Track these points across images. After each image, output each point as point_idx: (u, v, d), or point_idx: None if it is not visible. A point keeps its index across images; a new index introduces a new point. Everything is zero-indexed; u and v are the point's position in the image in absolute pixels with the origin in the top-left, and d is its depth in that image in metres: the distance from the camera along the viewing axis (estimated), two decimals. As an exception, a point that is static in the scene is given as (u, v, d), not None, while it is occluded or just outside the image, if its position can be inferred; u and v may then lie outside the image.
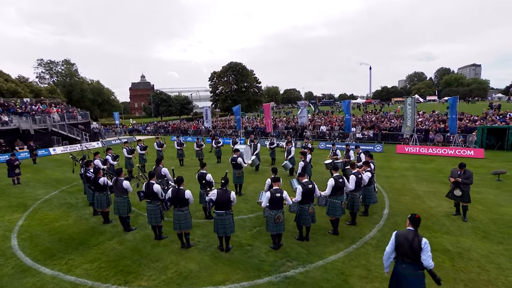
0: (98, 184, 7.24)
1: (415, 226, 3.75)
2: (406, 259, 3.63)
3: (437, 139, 19.96)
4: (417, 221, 3.76)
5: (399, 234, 3.76)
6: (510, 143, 16.23)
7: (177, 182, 5.91)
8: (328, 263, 5.42)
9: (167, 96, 58.82)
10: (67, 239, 6.71)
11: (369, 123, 27.36)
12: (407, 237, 3.65)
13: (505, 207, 7.95)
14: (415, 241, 3.58)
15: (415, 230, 3.72)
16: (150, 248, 6.13)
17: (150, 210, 6.32)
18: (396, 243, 3.71)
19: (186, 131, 35.91)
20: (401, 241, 3.67)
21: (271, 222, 5.81)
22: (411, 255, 3.59)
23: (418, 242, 3.57)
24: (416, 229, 3.74)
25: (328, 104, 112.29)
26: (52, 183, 12.43)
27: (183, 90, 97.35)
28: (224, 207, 5.65)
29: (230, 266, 5.37)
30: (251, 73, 66.06)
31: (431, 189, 9.76)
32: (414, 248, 3.56)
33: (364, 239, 6.38)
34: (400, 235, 3.74)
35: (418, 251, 3.55)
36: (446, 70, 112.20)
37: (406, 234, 3.70)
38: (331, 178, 6.40)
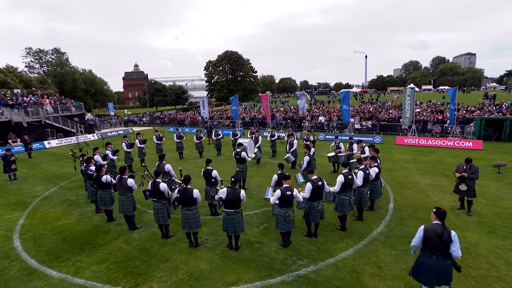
0: (101, 182, 7.07)
1: (441, 220, 3.91)
2: (435, 251, 3.80)
3: (435, 130, 20.07)
4: (443, 214, 3.93)
5: (427, 229, 3.88)
6: (507, 134, 16.39)
7: (184, 181, 5.78)
8: (339, 261, 5.43)
9: (162, 86, 57.75)
10: (72, 238, 6.59)
11: (367, 113, 27.35)
12: (437, 231, 3.80)
13: (508, 200, 8.04)
14: (445, 234, 3.77)
15: (443, 224, 3.88)
16: (158, 248, 6.06)
17: (157, 209, 6.20)
18: (424, 237, 3.85)
19: (183, 122, 35.50)
20: (431, 235, 3.82)
21: (281, 220, 5.76)
22: (441, 247, 3.76)
23: (448, 235, 3.76)
24: (443, 222, 3.90)
25: (324, 93, 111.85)
26: (50, 178, 12.18)
27: (178, 80, 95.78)
28: (233, 206, 5.58)
29: (241, 266, 5.34)
30: (247, 62, 65.09)
31: (434, 182, 9.82)
32: (444, 240, 3.74)
33: (372, 235, 6.40)
34: (428, 229, 3.86)
35: (448, 243, 3.74)
36: (442, 59, 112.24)
37: (435, 228, 3.84)
38: (340, 175, 6.35)
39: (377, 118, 24.60)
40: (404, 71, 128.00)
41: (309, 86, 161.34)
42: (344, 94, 22.44)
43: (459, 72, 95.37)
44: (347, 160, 10.69)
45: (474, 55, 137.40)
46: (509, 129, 16.34)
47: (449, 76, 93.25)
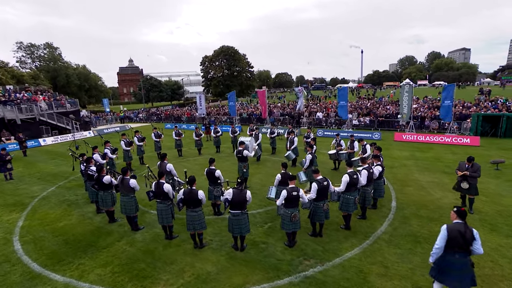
0: (102, 183, 6.96)
1: (463, 219, 3.98)
2: (458, 250, 3.89)
3: (433, 126, 20.22)
4: (464, 213, 4.00)
5: (450, 228, 3.93)
6: (504, 130, 16.57)
7: (189, 182, 5.70)
8: (345, 261, 5.44)
9: (157, 81, 57.04)
10: (74, 241, 6.49)
11: (365, 109, 27.41)
12: (460, 230, 3.87)
13: (507, 197, 8.13)
14: (468, 232, 3.85)
15: (465, 222, 3.95)
16: (162, 249, 6.00)
17: (161, 210, 6.13)
18: (448, 237, 3.89)
19: (180, 118, 35.19)
20: (454, 234, 3.87)
21: (287, 220, 5.74)
22: (463, 245, 3.85)
23: (470, 233, 3.84)
24: (465, 221, 3.97)
25: (320, 88, 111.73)
26: (48, 177, 11.98)
27: (173, 75, 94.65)
28: (239, 207, 5.53)
29: (248, 267, 5.32)
30: (244, 58, 64.51)
31: (434, 180, 9.89)
32: (467, 239, 3.83)
33: (376, 234, 6.43)
34: (451, 229, 3.91)
35: (471, 241, 3.83)
36: (437, 54, 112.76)
37: (457, 227, 3.90)
38: (345, 174, 6.33)
39: (374, 114, 24.68)
40: (399, 66, 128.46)
41: (305, 81, 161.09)
42: (341, 90, 22.42)
43: (454, 68, 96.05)
44: (349, 158, 10.74)
45: (468, 50, 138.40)
46: (506, 125, 16.52)
47: (444, 71, 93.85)
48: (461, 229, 3.88)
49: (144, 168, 12.73)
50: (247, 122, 30.72)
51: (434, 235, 6.17)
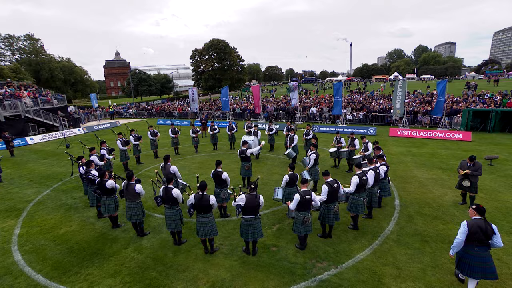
0: (106, 188, 6.72)
1: (482, 215, 4.33)
2: (478, 244, 4.25)
3: (425, 121, 20.64)
4: (484, 210, 4.36)
5: (471, 224, 4.26)
6: (493, 125, 17.09)
7: (200, 188, 5.57)
8: (358, 262, 5.50)
9: (146, 75, 55.55)
10: (78, 249, 6.27)
11: (358, 104, 27.67)
12: (480, 226, 4.22)
13: (504, 194, 8.40)
14: (488, 228, 4.21)
15: (484, 219, 4.31)
16: (173, 256, 5.89)
17: (170, 216, 5.98)
18: (469, 232, 4.24)
19: (171, 113, 34.54)
20: (475, 230, 4.23)
21: (299, 223, 5.72)
22: (484, 239, 4.21)
23: (490, 228, 4.22)
24: (484, 217, 4.34)
25: (310, 81, 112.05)
26: (40, 179, 11.51)
27: (162, 68, 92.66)
28: (252, 212, 5.46)
29: (262, 272, 5.29)
30: (234, 51, 63.57)
31: (432, 176, 10.11)
32: (488, 234, 4.20)
33: (384, 233, 6.52)
34: (472, 225, 4.25)
35: (491, 235, 4.20)
36: (424, 48, 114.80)
37: (478, 223, 4.24)
38: (355, 176, 6.35)
39: (368, 108, 24.96)
40: (388, 59, 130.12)
41: (294, 74, 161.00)
42: (336, 85, 22.47)
43: (440, 61, 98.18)
44: (349, 156, 10.83)
45: (454, 44, 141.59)
46: (494, 120, 17.04)
47: (431, 65, 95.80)
48: (481, 224, 4.23)
49: (141, 168, 12.48)
50: (241, 117, 30.52)
51: (440, 234, 6.36)
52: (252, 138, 12.08)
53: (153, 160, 13.92)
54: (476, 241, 4.24)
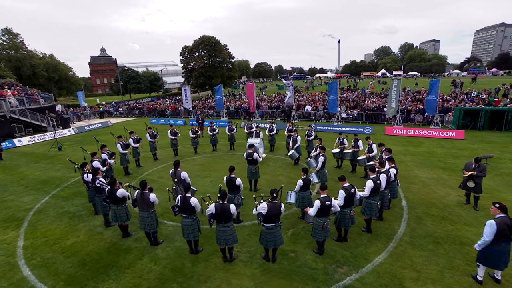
0: (116, 197, 6.52)
1: (505, 212, 4.73)
2: (504, 239, 4.65)
3: (417, 119, 21.18)
4: (506, 208, 4.77)
5: (498, 222, 4.63)
6: (482, 123, 17.74)
7: (221, 197, 5.49)
8: (377, 266, 5.60)
9: (135, 72, 54.16)
10: (90, 261, 6.06)
11: (352, 102, 28.04)
12: (506, 223, 4.62)
13: (503, 192, 8.75)
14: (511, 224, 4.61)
15: (507, 216, 4.69)
16: (191, 266, 5.80)
17: (187, 225, 5.87)
18: (498, 230, 4.58)
19: (163, 112, 33.91)
20: (503, 227, 4.61)
21: (319, 229, 5.76)
22: (509, 235, 4.63)
23: None
24: (507, 214, 4.72)
25: (299, 78, 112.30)
26: (36, 185, 11.05)
27: (149, 65, 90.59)
28: (274, 220, 5.44)
29: (285, 279, 5.30)
30: (224, 48, 62.92)
31: (433, 176, 10.39)
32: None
33: (397, 236, 6.66)
34: (499, 223, 4.62)
35: None
36: (410, 46, 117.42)
37: (504, 221, 4.63)
38: (369, 180, 6.43)
39: (362, 107, 25.33)
40: (375, 56, 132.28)
41: (283, 71, 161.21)
42: (331, 84, 22.67)
43: (425, 59, 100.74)
44: (353, 157, 10.97)
45: (438, 41, 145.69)
46: (484, 119, 17.69)
47: (417, 62, 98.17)
48: (506, 221, 4.62)
49: (141, 172, 12.18)
50: (235, 115, 30.34)
51: (450, 235, 6.55)
52: (258, 140, 12.01)
53: (153, 162, 13.64)
54: (503, 237, 4.61)
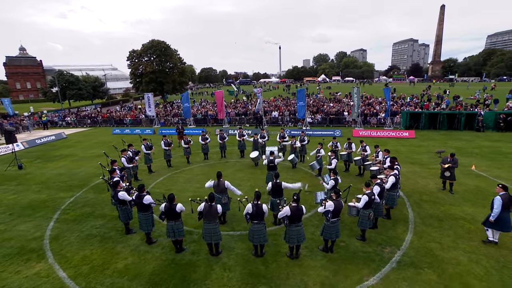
0: (143, 204, 7.00)
1: (506, 190, 6.66)
2: (506, 210, 6.54)
3: (373, 122, 24.68)
4: (507, 187, 6.74)
5: (503, 198, 6.53)
6: (423, 124, 21.84)
7: (257, 198, 6.34)
8: (411, 243, 7.06)
9: (74, 77, 48.39)
10: (161, 280, 5.98)
11: (313, 107, 30.74)
12: (507, 197, 6.53)
13: (462, 178, 11.31)
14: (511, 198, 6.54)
15: (508, 193, 6.61)
16: (265, 268, 6.28)
17: (210, 229, 6.49)
18: (503, 203, 6.47)
19: (122, 121, 31.48)
20: (506, 201, 6.50)
21: (365, 219, 6.96)
22: (510, 206, 6.53)
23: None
24: (507, 191, 6.61)
25: (246, 83, 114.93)
26: (23, 211, 9.62)
27: (84, 68, 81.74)
28: (297, 220, 6.26)
29: (351, 264, 6.31)
30: (175, 53, 61.07)
31: (409, 170, 12.70)
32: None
33: (410, 218, 8.30)
34: (503, 198, 6.53)
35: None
36: (344, 54, 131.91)
37: (506, 196, 6.56)
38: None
39: (323, 111, 28.07)
40: (315, 62, 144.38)
41: (228, 75, 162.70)
42: (300, 92, 24.69)
43: (357, 66, 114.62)
44: (348, 158, 12.61)
45: (365, 50, 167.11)
46: (424, 120, 21.80)
47: (351, 68, 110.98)
48: (508, 197, 6.55)
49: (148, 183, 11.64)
50: (202, 123, 30.13)
51: (447, 214, 8.49)
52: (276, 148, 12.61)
53: (147, 175, 13.12)
54: (507, 208, 6.50)
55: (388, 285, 5.67)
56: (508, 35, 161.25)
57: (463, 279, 5.77)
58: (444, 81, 78.67)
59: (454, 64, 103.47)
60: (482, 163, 13.08)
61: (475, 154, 14.81)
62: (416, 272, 6.01)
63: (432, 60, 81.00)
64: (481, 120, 20.99)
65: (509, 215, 6.66)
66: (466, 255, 6.54)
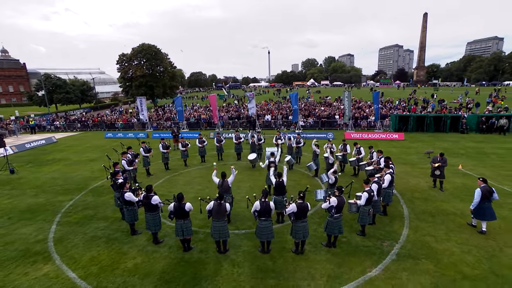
0: (151, 205, 7.17)
1: (486, 183, 7.40)
2: (486, 200, 7.28)
3: (363, 125, 25.46)
4: (486, 180, 7.49)
5: (483, 190, 7.27)
6: (411, 126, 22.74)
7: (264, 195, 6.66)
8: (408, 237, 7.49)
9: (62, 81, 47.37)
10: (172, 278, 6.13)
11: (304, 111, 31.37)
12: (487, 189, 7.30)
13: (451, 177, 11.96)
14: (490, 190, 7.30)
15: (487, 185, 7.39)
16: (272, 263, 6.54)
17: (219, 226, 6.74)
18: (482, 194, 7.22)
19: (113, 125, 31.07)
20: (485, 192, 7.25)
21: (365, 215, 7.34)
22: (489, 197, 7.27)
23: (491, 190, 7.33)
24: (487, 183, 7.42)
25: (235, 87, 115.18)
26: (23, 215, 9.51)
27: (70, 72, 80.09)
28: (302, 217, 6.59)
29: (354, 257, 6.66)
30: (166, 57, 60.85)
31: (401, 170, 13.27)
32: (491, 193, 7.29)
33: (406, 215, 8.76)
34: (483, 189, 7.28)
35: (492, 194, 7.31)
36: (332, 58, 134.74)
37: (486, 188, 7.32)
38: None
39: (315, 115, 28.71)
40: (303, 67, 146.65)
41: (217, 80, 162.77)
42: (293, 95, 25.21)
43: (345, 70, 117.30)
44: (343, 159, 13.08)
45: (352, 55, 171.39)
46: (412, 123, 22.71)
47: (339, 73, 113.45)
48: (488, 189, 7.30)
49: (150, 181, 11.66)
50: (195, 127, 30.17)
51: (438, 209, 9.01)
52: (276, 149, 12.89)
53: (145, 177, 13.16)
54: (486, 199, 7.24)
55: (390, 275, 6.04)
56: (486, 42, 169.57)
57: (457, 267, 6.23)
58: (428, 85, 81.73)
59: (437, 69, 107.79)
60: (468, 163, 13.84)
61: (461, 154, 15.62)
62: (415, 263, 6.42)
63: (417, 66, 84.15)
64: (465, 122, 22.08)
65: (491, 205, 7.36)
66: (458, 246, 7.02)
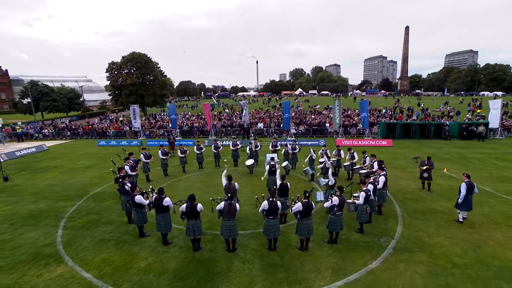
0: (163, 206, 7.45)
1: (469, 178, 8.40)
2: (469, 192, 8.27)
3: (353, 132, 26.48)
4: (469, 176, 8.51)
5: (467, 184, 8.28)
6: (398, 134, 23.92)
7: (272, 195, 7.15)
8: (402, 234, 8.10)
9: (49, 88, 46.50)
10: (187, 275, 6.41)
11: (296, 119, 32.25)
12: (471, 183, 8.33)
13: (438, 180, 12.79)
14: (473, 184, 8.33)
15: (470, 180, 8.35)
16: (280, 259, 6.96)
17: (229, 225, 7.14)
18: (467, 188, 8.21)
19: (105, 133, 30.79)
20: (469, 186, 8.25)
21: (363, 213, 7.91)
22: (471, 190, 8.28)
23: (473, 184, 8.38)
24: (470, 179, 8.35)
25: (224, 96, 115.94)
26: (26, 220, 9.50)
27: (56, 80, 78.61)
28: (307, 215, 7.10)
29: (355, 252, 7.18)
30: (156, 66, 61.04)
31: (392, 174, 13.92)
32: (473, 187, 8.34)
33: (398, 213, 9.42)
34: (467, 184, 8.28)
35: (474, 188, 8.34)
36: (320, 68, 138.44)
37: (470, 183, 8.34)
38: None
39: (306, 123, 29.59)
40: (291, 76, 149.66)
41: (206, 89, 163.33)
42: (285, 104, 26.04)
43: (332, 80, 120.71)
44: (337, 164, 13.73)
45: (339, 66, 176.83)
46: (399, 130, 23.90)
47: (326, 82, 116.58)
48: (470, 183, 8.33)
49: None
50: (188, 134, 30.34)
51: (428, 209, 9.73)
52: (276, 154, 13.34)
53: (145, 184, 13.30)
54: (469, 192, 8.21)
55: (389, 266, 6.59)
56: (463, 55, 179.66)
57: (447, 257, 6.87)
58: (411, 95, 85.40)
59: (420, 79, 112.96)
60: (452, 167, 14.82)
61: (445, 159, 16.68)
62: (410, 255, 7.02)
63: (400, 76, 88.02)
64: (447, 129, 23.47)
65: (471, 198, 8.46)
66: (447, 240, 7.69)
